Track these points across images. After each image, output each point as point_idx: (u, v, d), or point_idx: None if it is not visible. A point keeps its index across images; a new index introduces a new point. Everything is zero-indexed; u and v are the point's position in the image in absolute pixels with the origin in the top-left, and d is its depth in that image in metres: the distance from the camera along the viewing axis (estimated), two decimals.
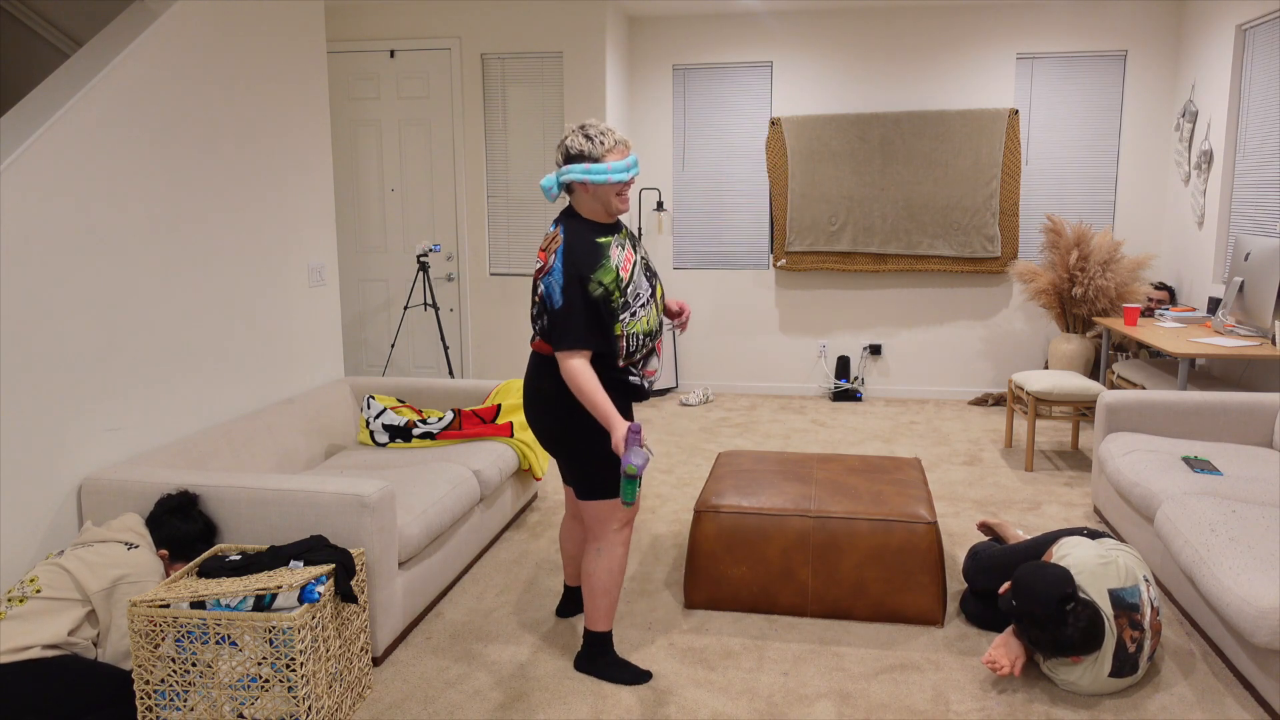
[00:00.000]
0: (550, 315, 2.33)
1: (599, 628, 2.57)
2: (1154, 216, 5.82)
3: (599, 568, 2.52)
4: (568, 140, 2.38)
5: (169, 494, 2.54)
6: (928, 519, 2.82)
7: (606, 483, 2.46)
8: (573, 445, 2.45)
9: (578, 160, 2.37)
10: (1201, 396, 3.57)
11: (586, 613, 2.57)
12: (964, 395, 6.17)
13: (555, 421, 2.45)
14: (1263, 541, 2.45)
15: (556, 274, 2.33)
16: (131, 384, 2.82)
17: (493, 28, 5.65)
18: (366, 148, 5.91)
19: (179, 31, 2.99)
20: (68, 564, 2.28)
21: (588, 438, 2.43)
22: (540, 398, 2.46)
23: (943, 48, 5.86)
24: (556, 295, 2.32)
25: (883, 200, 5.89)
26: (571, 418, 2.43)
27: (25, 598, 2.21)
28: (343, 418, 3.79)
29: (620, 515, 2.51)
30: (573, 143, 2.37)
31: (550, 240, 2.40)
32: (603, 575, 2.52)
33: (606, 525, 2.50)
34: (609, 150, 2.37)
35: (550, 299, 2.33)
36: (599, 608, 2.54)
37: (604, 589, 2.52)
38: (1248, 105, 4.83)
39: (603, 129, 2.37)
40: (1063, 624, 2.34)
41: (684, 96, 6.19)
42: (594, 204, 2.42)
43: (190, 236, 3.07)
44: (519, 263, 5.89)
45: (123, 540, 2.43)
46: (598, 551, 2.52)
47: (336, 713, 2.29)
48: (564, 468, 2.55)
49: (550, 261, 2.36)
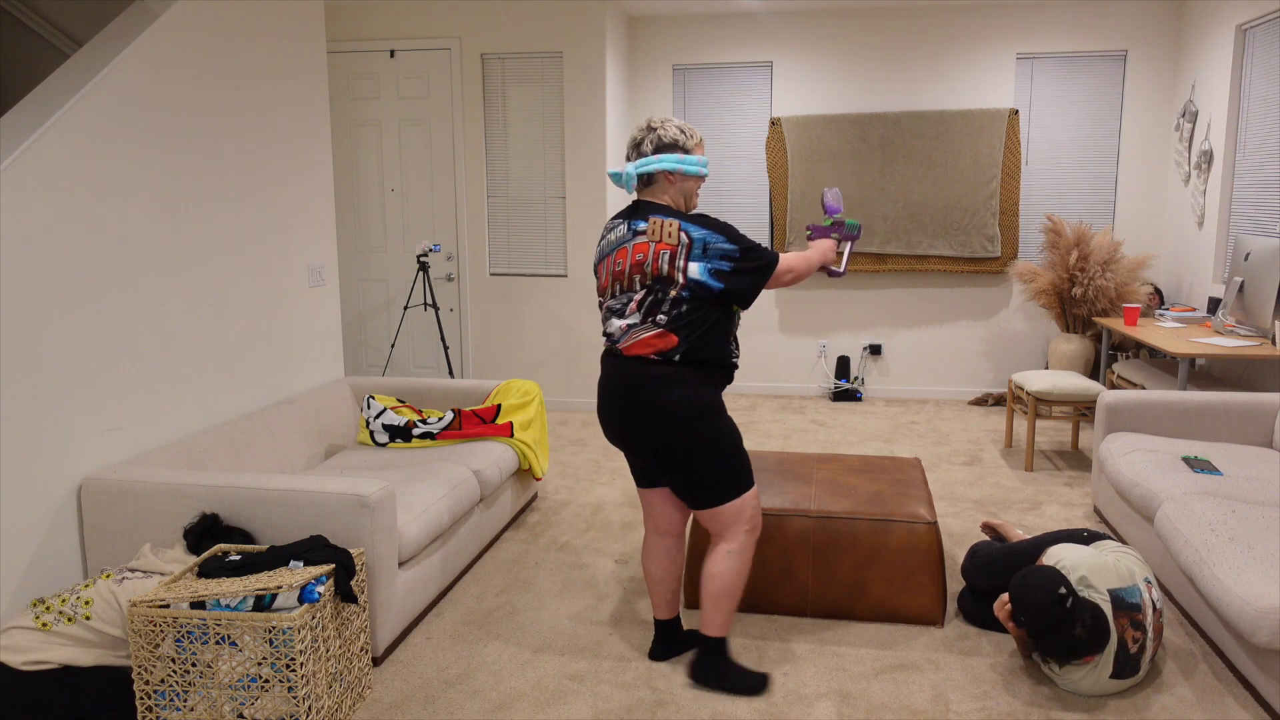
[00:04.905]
0: (741, 256, 2.28)
1: (722, 633, 2.45)
2: (1154, 216, 5.82)
3: (730, 569, 2.41)
4: (659, 130, 2.34)
5: (191, 521, 2.50)
6: (928, 519, 2.82)
7: (734, 480, 2.37)
8: (703, 453, 2.32)
9: (670, 150, 2.33)
10: (1201, 396, 3.57)
11: (708, 618, 2.44)
12: (964, 395, 6.17)
13: (685, 433, 2.29)
14: (1263, 541, 2.45)
15: (708, 234, 2.27)
16: (131, 384, 2.82)
17: (493, 28, 5.65)
18: (366, 148, 5.91)
19: (179, 31, 2.99)
20: (122, 598, 2.24)
21: (717, 439, 2.32)
22: (668, 412, 2.29)
23: (943, 48, 5.86)
24: (726, 244, 2.27)
25: (883, 200, 5.89)
26: (704, 422, 2.30)
27: (74, 618, 2.19)
28: (343, 418, 3.79)
29: (751, 514, 2.42)
30: (665, 132, 2.34)
31: (663, 227, 2.29)
32: (732, 577, 2.41)
33: (739, 526, 2.41)
34: (697, 144, 2.38)
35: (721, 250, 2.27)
36: (724, 611, 2.43)
37: (731, 591, 2.42)
38: (1248, 105, 4.83)
39: (686, 124, 2.38)
40: (1069, 625, 2.33)
41: (684, 96, 6.19)
42: (677, 195, 2.39)
43: (190, 236, 3.07)
44: (519, 263, 5.89)
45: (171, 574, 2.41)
46: (729, 553, 2.40)
47: (336, 713, 2.29)
48: (678, 481, 2.38)
49: (688, 237, 2.27)
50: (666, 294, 2.29)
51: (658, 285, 2.29)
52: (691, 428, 2.30)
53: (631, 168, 2.38)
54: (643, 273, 2.31)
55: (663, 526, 2.57)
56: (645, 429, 2.32)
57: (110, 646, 2.22)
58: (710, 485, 2.35)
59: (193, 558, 2.44)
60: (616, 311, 2.36)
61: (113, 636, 2.21)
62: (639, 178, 2.39)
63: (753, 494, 2.42)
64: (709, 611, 2.44)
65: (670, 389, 2.29)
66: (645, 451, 2.35)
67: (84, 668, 2.17)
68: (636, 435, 2.34)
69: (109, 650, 2.22)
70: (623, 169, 2.41)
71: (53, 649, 2.15)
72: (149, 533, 2.58)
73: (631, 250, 2.33)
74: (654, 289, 2.30)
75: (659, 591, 2.61)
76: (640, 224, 2.34)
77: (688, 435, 2.30)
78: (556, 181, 5.76)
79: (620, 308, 2.35)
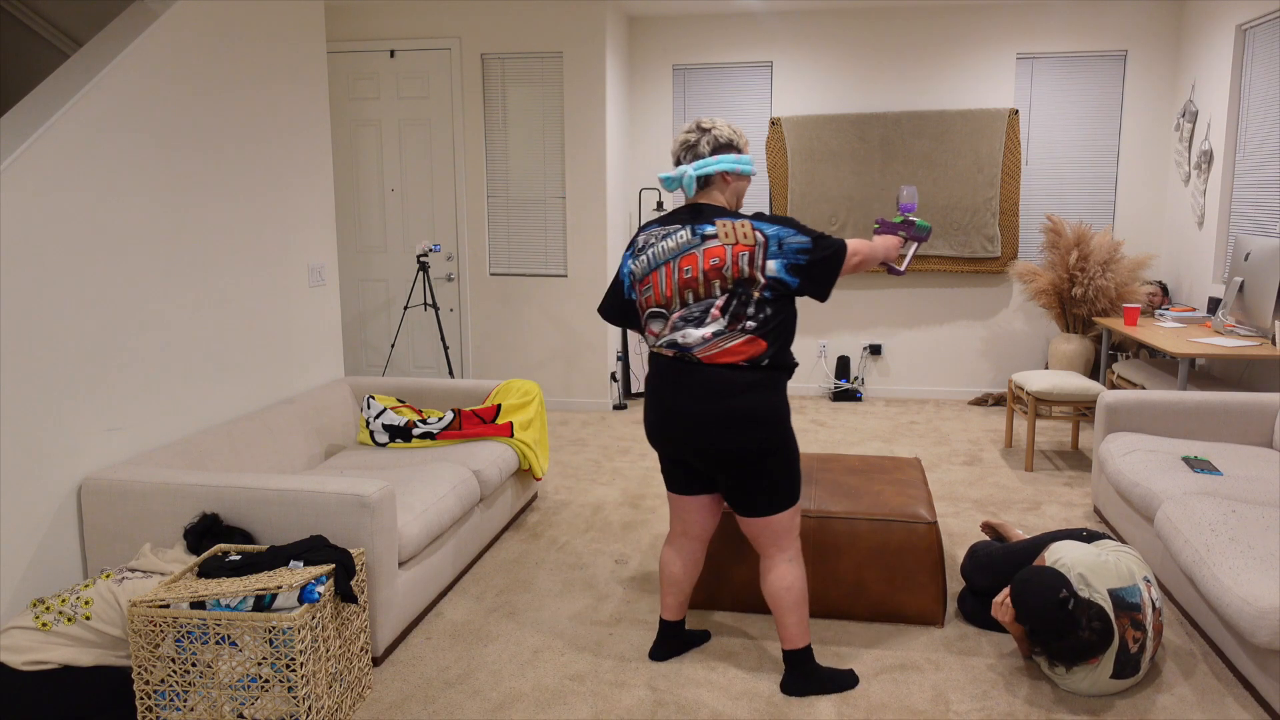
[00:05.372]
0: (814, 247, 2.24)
1: (805, 641, 2.44)
2: (1154, 216, 5.82)
3: (799, 576, 2.40)
4: (714, 130, 2.30)
5: (191, 521, 2.50)
6: (928, 519, 2.82)
7: (793, 489, 2.36)
8: (775, 459, 2.30)
9: (725, 150, 2.29)
10: (1201, 396, 3.57)
11: (790, 631, 2.42)
12: (964, 395, 6.17)
13: (766, 438, 2.27)
14: (1263, 541, 2.45)
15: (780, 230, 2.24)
16: (131, 384, 2.82)
17: (493, 28, 5.65)
18: (366, 148, 5.91)
19: (179, 32, 2.99)
20: (122, 598, 2.24)
21: (788, 446, 2.32)
22: (755, 416, 2.25)
23: (943, 48, 5.86)
24: (798, 236, 2.24)
25: (883, 200, 5.89)
26: (782, 428, 2.29)
27: (74, 618, 2.19)
28: (343, 418, 3.79)
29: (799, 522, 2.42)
30: (720, 132, 2.30)
31: (735, 229, 2.25)
32: (802, 584, 2.40)
33: (791, 534, 2.39)
34: (745, 144, 2.35)
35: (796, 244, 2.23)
36: (804, 620, 2.42)
37: (804, 598, 2.41)
38: (1248, 105, 4.83)
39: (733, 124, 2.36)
40: (1076, 627, 2.32)
41: (684, 96, 6.19)
42: (731, 197, 2.35)
43: (190, 236, 3.07)
44: (519, 263, 5.89)
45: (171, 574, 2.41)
46: (791, 561, 2.39)
47: (336, 713, 2.29)
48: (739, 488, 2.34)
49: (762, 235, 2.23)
50: (750, 296, 2.24)
51: (740, 288, 2.24)
52: (772, 433, 2.28)
53: (692, 169, 2.30)
54: (722, 277, 2.24)
55: (694, 531, 2.55)
56: (725, 434, 2.26)
57: (110, 646, 2.22)
58: (772, 492, 2.33)
59: (193, 558, 2.44)
60: (693, 320, 2.27)
61: (113, 636, 2.21)
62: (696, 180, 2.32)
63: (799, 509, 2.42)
64: (790, 624, 2.41)
65: (759, 394, 2.25)
66: (714, 457, 2.29)
67: (84, 668, 2.18)
68: (711, 440, 2.27)
69: (109, 650, 2.22)
70: (674, 173, 2.33)
71: (53, 649, 2.15)
72: (149, 533, 2.58)
73: (703, 255, 2.26)
74: (736, 292, 2.24)
75: (674, 593, 2.61)
76: (707, 228, 2.27)
77: (767, 440, 2.27)
78: (556, 181, 5.76)
79: (699, 315, 2.27)
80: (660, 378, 2.35)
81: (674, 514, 2.56)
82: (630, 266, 2.42)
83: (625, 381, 6.17)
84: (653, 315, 2.36)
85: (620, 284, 2.48)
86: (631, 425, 5.48)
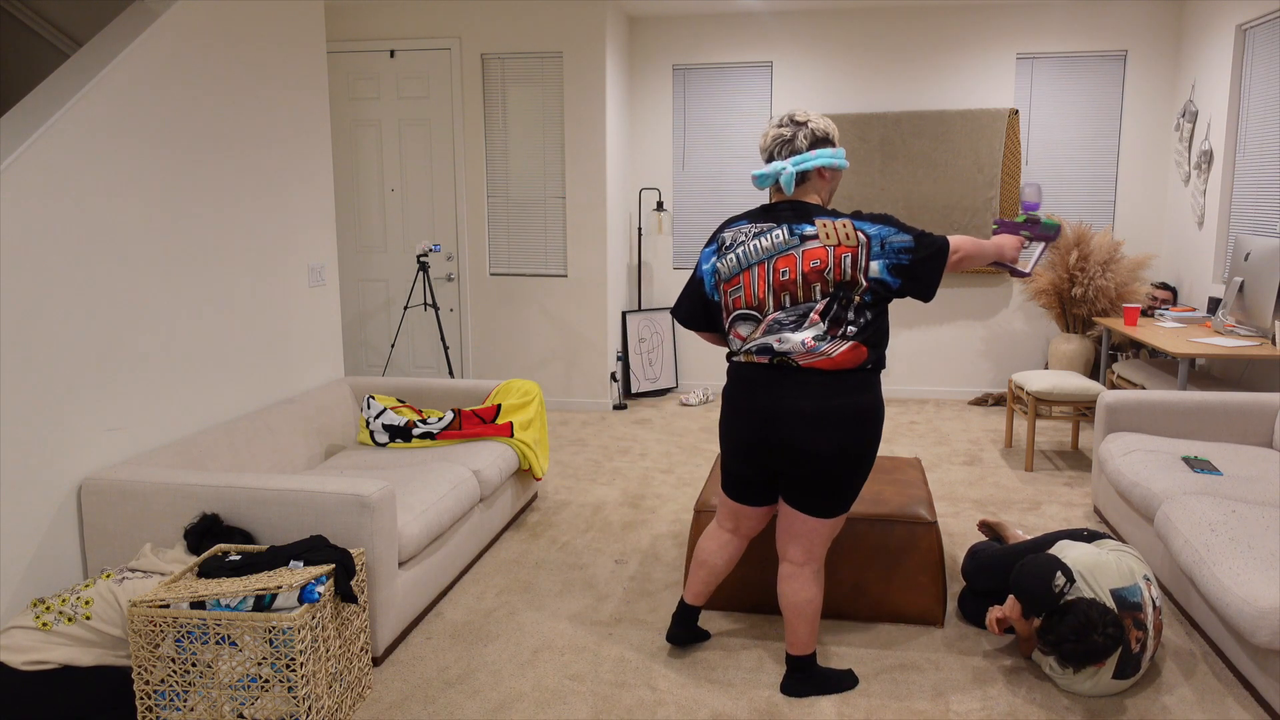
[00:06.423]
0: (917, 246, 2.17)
1: (811, 650, 2.44)
2: (1154, 216, 5.82)
3: (820, 592, 2.40)
4: (810, 123, 2.23)
5: (191, 521, 2.50)
6: (928, 519, 2.82)
7: (855, 494, 2.33)
8: (864, 463, 2.27)
9: (823, 144, 2.23)
10: (1201, 396, 3.57)
11: (800, 639, 2.42)
12: (964, 395, 6.17)
13: (866, 436, 2.23)
14: (1263, 541, 2.45)
15: (882, 229, 2.18)
16: (131, 384, 2.82)
17: (493, 28, 5.65)
18: (366, 148, 5.91)
19: (179, 32, 2.99)
20: (122, 598, 2.24)
21: (876, 449, 2.30)
22: (860, 416, 2.20)
23: (943, 48, 5.86)
24: (900, 235, 2.17)
25: (883, 200, 5.89)
26: (877, 428, 2.26)
27: (74, 618, 2.19)
28: (343, 418, 3.79)
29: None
30: (817, 125, 2.22)
31: (837, 229, 2.17)
32: (820, 600, 2.40)
33: (829, 541, 2.39)
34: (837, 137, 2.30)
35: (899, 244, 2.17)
36: (814, 630, 2.43)
37: (818, 613, 2.41)
38: (1248, 105, 4.83)
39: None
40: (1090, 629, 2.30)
41: (684, 96, 6.19)
42: (826, 194, 2.29)
43: (190, 236, 3.07)
44: (519, 263, 5.89)
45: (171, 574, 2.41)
46: (817, 574, 2.39)
47: (336, 713, 2.29)
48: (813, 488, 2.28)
49: (864, 236, 2.17)
50: (850, 300, 2.17)
51: (840, 291, 2.17)
52: (876, 431, 2.26)
53: (791, 165, 2.21)
54: (823, 280, 2.16)
55: (744, 532, 2.54)
56: (834, 431, 2.19)
57: (110, 646, 2.22)
58: (839, 495, 2.29)
59: (193, 558, 2.44)
60: (790, 324, 2.20)
61: (113, 636, 2.21)
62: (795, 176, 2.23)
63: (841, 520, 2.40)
64: (802, 633, 2.41)
65: (866, 394, 2.22)
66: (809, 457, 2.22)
67: (84, 668, 2.18)
68: (812, 438, 2.19)
69: (109, 650, 2.22)
70: (768, 169, 2.25)
71: (53, 649, 2.15)
72: (149, 533, 2.58)
73: (803, 257, 2.17)
74: (837, 295, 2.17)
75: (705, 579, 2.59)
76: (806, 228, 2.19)
77: (865, 439, 2.23)
78: (556, 181, 5.76)
79: (797, 320, 2.19)
80: (750, 383, 2.26)
81: (727, 514, 2.53)
82: (715, 265, 2.32)
83: (625, 381, 6.17)
84: (741, 318, 2.27)
85: (700, 284, 2.37)
86: (632, 425, 5.48)
